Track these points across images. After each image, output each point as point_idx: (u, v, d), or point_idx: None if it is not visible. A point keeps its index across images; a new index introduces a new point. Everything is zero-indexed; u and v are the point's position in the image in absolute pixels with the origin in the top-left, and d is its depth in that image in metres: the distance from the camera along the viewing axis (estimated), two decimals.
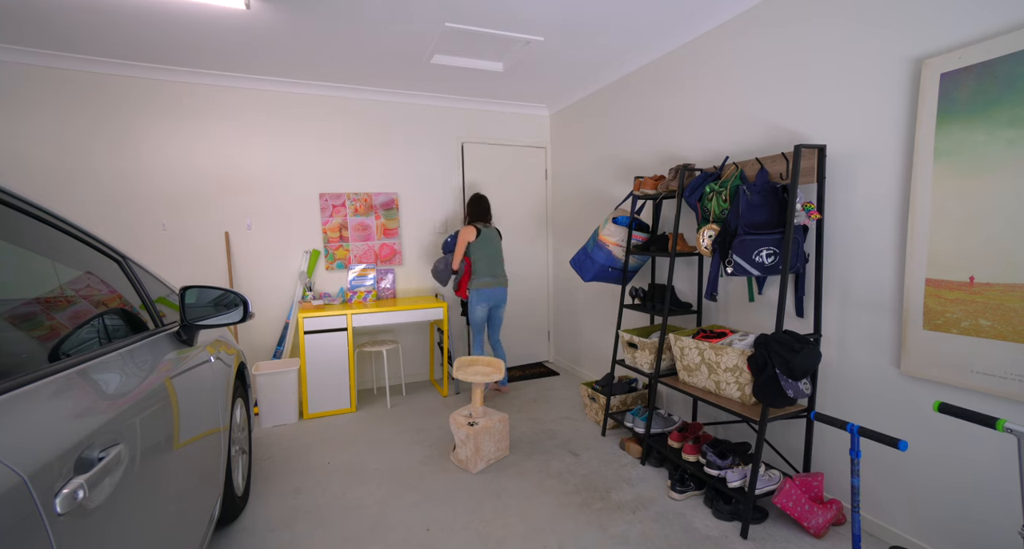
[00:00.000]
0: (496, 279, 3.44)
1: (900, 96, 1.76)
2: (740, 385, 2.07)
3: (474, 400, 2.67)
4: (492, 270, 3.44)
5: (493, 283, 3.41)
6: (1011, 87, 1.45)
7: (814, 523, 1.88)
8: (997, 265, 1.51)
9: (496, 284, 3.43)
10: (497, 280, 3.44)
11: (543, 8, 2.40)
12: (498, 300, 3.46)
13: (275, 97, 3.49)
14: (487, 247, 3.44)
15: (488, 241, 3.45)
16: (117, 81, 3.09)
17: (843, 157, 1.96)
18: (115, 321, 1.24)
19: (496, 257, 3.48)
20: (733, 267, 1.98)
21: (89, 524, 0.76)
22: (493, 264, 3.45)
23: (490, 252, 3.44)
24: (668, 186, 2.62)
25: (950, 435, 1.70)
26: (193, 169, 3.31)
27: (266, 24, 2.53)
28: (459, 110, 4.06)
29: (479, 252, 3.41)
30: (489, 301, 3.42)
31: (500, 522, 2.07)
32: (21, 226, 0.95)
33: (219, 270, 3.41)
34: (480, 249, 3.42)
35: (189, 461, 1.30)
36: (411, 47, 2.88)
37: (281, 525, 2.07)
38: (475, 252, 3.41)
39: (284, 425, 3.17)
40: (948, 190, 1.61)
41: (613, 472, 2.47)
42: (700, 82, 2.66)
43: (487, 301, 3.42)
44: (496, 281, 3.44)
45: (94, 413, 0.87)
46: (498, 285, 3.44)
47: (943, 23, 1.63)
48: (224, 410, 1.79)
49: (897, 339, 1.82)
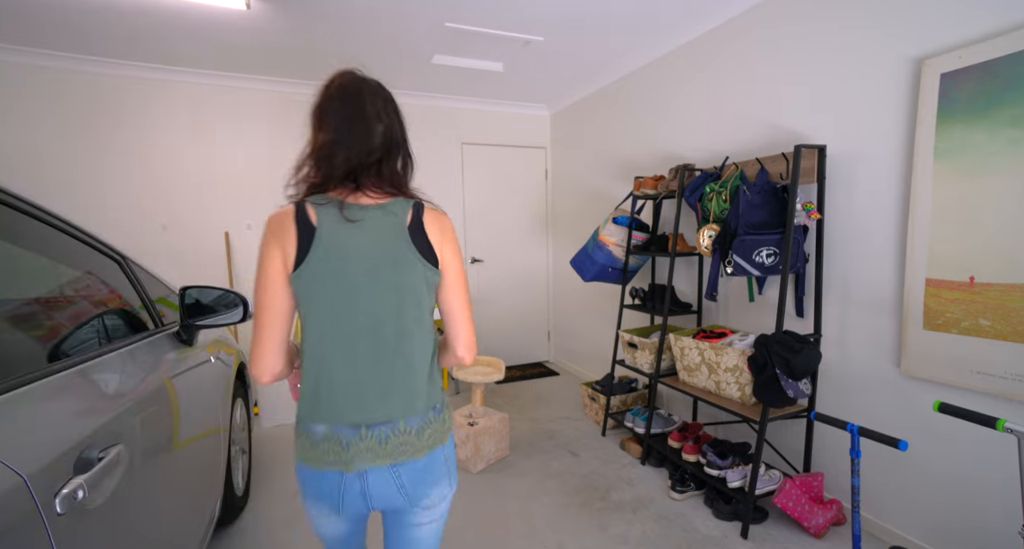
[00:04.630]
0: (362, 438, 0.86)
1: (900, 96, 1.76)
2: (740, 385, 2.07)
3: (474, 400, 2.67)
4: (353, 387, 0.87)
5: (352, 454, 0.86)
6: (1011, 87, 1.45)
7: (814, 523, 1.88)
8: (997, 265, 1.51)
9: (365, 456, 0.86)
10: (366, 441, 0.86)
11: (543, 8, 2.40)
12: (387, 499, 0.90)
13: (275, 97, 3.48)
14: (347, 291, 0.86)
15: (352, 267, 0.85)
16: (116, 81, 3.08)
17: (843, 157, 1.96)
18: (115, 321, 1.24)
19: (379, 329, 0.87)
20: (733, 267, 1.98)
21: (89, 524, 0.76)
22: (360, 363, 0.87)
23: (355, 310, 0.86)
24: (668, 186, 2.62)
25: (950, 435, 1.70)
26: (193, 169, 3.31)
27: (266, 24, 2.53)
28: (459, 110, 4.06)
29: (316, 314, 0.87)
30: (341, 505, 0.89)
31: (500, 522, 2.07)
32: (21, 226, 0.95)
33: (219, 270, 3.41)
34: (320, 301, 0.86)
35: (189, 461, 1.30)
36: (411, 47, 2.88)
37: (281, 525, 2.07)
38: (306, 312, 0.87)
39: (284, 425, 3.17)
40: (948, 190, 1.61)
41: (613, 472, 2.47)
42: (700, 82, 2.66)
43: (333, 505, 0.89)
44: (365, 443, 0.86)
45: (94, 413, 0.87)
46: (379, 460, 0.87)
47: (943, 23, 1.63)
48: (224, 410, 1.79)
49: (897, 339, 1.82)
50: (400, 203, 0.91)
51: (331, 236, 0.85)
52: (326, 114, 0.90)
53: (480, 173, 4.19)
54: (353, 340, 0.87)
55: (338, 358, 0.87)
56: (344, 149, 0.88)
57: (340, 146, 0.88)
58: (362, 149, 0.89)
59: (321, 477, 0.88)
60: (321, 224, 0.85)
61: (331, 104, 0.90)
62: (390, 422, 0.88)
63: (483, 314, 4.29)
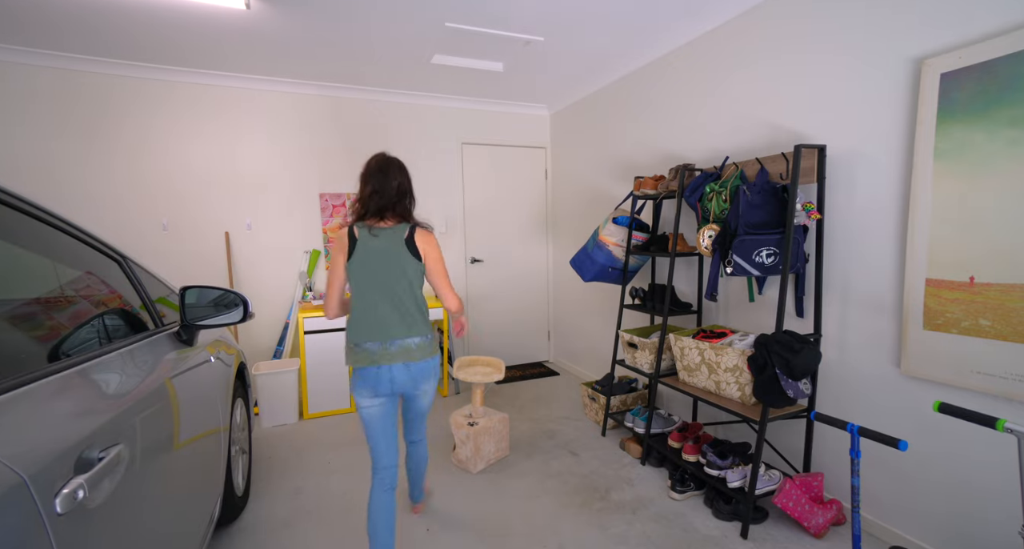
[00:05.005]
0: (394, 347, 1.64)
1: (900, 96, 1.76)
2: (740, 385, 2.07)
3: (474, 400, 2.67)
4: (382, 326, 1.65)
5: (384, 356, 1.64)
6: (1011, 87, 1.45)
7: (814, 523, 1.88)
8: (997, 265, 1.51)
9: (395, 357, 1.64)
10: (399, 348, 1.65)
11: (543, 8, 2.40)
12: (404, 384, 1.68)
13: (275, 97, 3.49)
14: (370, 274, 1.65)
15: (374, 261, 1.65)
16: (116, 81, 3.09)
17: (843, 157, 1.96)
18: (115, 321, 1.24)
19: (394, 296, 1.66)
20: (733, 267, 1.98)
21: (89, 524, 0.76)
22: (384, 313, 1.65)
23: (379, 286, 1.65)
24: (668, 186, 2.62)
25: (950, 435, 1.70)
26: (193, 169, 3.31)
27: (266, 24, 2.53)
28: (459, 110, 4.06)
29: (357, 284, 1.67)
30: (380, 388, 1.66)
31: (500, 522, 2.07)
32: (21, 226, 0.95)
33: (219, 270, 3.41)
34: (358, 278, 1.66)
35: (189, 461, 1.30)
36: (411, 47, 2.88)
37: (281, 525, 2.07)
38: (352, 283, 1.69)
39: (284, 425, 3.17)
40: (948, 190, 1.61)
41: (613, 472, 2.47)
42: (700, 82, 2.66)
43: (375, 388, 1.66)
44: (392, 351, 1.64)
45: (94, 413, 0.87)
46: (404, 358, 1.65)
47: (943, 23, 1.63)
48: (224, 410, 1.79)
49: (897, 339, 1.82)
50: (404, 226, 1.71)
51: (363, 243, 1.66)
52: (369, 178, 1.71)
53: (480, 173, 4.19)
54: (375, 296, 1.65)
55: (368, 306, 1.65)
56: (378, 197, 1.69)
57: (376, 195, 1.69)
58: (387, 198, 1.69)
59: (364, 372, 1.65)
60: (360, 237, 1.67)
61: (371, 172, 1.71)
62: (398, 339, 1.65)
63: (483, 314, 4.30)
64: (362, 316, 1.65)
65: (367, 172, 1.71)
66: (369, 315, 1.64)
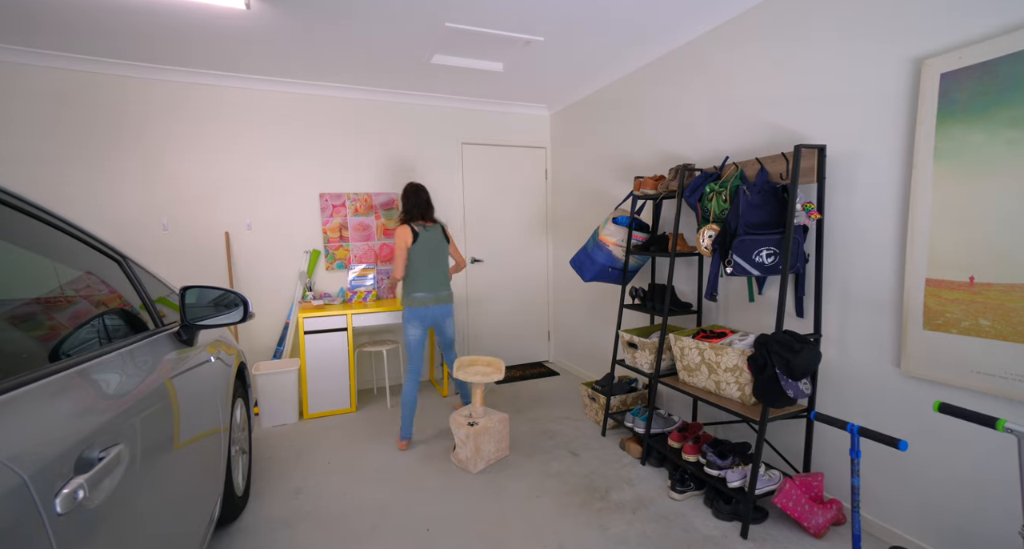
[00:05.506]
0: (436, 296, 2.81)
1: (900, 96, 1.76)
2: (740, 385, 2.07)
3: (474, 400, 2.67)
4: (431, 283, 2.80)
5: (431, 300, 2.79)
6: (1011, 87, 1.45)
7: (814, 523, 1.88)
8: (997, 265, 1.51)
9: (436, 301, 2.81)
10: (438, 296, 2.82)
11: (543, 8, 2.40)
12: (439, 318, 2.85)
13: (275, 97, 3.49)
14: (426, 254, 2.79)
15: (428, 246, 2.79)
16: (116, 81, 3.09)
17: (843, 157, 1.96)
18: (115, 321, 1.24)
19: (438, 266, 2.83)
20: (733, 267, 1.98)
21: (89, 524, 0.76)
22: (432, 276, 2.80)
23: (430, 260, 2.80)
24: (668, 186, 2.62)
25: (950, 435, 1.70)
26: (193, 169, 3.31)
27: (266, 24, 2.53)
28: (459, 110, 4.06)
29: (415, 260, 2.77)
30: (425, 321, 2.80)
31: (500, 522, 2.07)
32: (21, 226, 0.95)
33: (219, 270, 3.41)
34: (417, 256, 2.77)
35: (189, 461, 1.30)
36: (411, 47, 2.88)
37: (281, 525, 2.07)
38: (411, 259, 2.78)
39: (284, 425, 3.17)
40: (948, 190, 1.61)
41: (613, 472, 2.47)
42: (700, 82, 2.66)
43: (422, 321, 2.80)
44: (436, 297, 2.81)
45: (94, 413, 0.87)
46: (439, 302, 2.82)
47: (943, 23, 1.63)
48: (224, 410, 1.79)
49: (897, 339, 1.82)
50: (438, 225, 2.88)
51: (421, 235, 2.78)
52: (408, 197, 2.83)
53: (480, 173, 4.19)
54: (427, 265, 2.80)
55: (422, 272, 2.79)
56: (415, 208, 2.82)
57: (416, 208, 2.82)
58: (422, 208, 2.83)
59: (417, 311, 2.78)
60: (419, 231, 2.77)
61: (409, 194, 2.84)
62: (440, 290, 2.83)
63: (483, 314, 4.30)
64: (420, 276, 2.78)
65: (406, 193, 2.84)
66: (425, 276, 2.79)
